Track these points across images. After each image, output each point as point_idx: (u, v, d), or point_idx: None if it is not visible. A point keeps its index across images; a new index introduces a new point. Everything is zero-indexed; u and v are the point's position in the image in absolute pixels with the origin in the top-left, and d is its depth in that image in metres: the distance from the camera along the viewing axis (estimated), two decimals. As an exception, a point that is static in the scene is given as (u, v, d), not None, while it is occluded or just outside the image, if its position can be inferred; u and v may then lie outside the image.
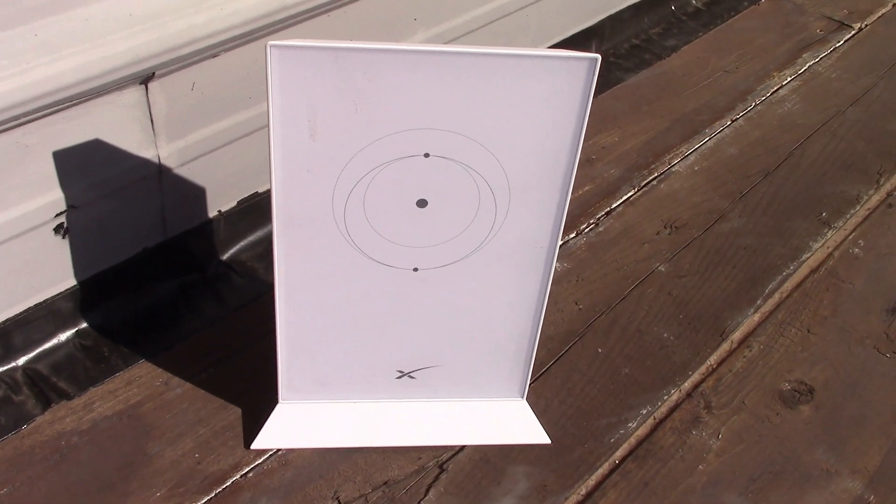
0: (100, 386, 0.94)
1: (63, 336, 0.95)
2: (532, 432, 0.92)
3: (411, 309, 0.83)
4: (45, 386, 0.92)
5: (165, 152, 0.92)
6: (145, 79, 0.84)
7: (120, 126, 0.86)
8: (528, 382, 0.92)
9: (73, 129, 0.82)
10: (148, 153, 0.91)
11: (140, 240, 0.97)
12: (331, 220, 0.76)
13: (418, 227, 0.77)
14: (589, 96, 0.70)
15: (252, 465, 0.88)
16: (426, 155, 0.73)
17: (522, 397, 0.93)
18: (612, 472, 0.92)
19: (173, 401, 0.93)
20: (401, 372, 0.89)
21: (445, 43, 1.17)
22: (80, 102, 0.81)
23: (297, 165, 0.72)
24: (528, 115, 0.71)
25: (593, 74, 0.69)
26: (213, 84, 0.92)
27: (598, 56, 0.68)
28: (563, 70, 0.68)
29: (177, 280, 1.02)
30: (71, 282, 0.93)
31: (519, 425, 0.92)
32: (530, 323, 0.86)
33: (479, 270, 0.81)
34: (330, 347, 0.85)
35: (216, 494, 0.86)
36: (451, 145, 0.72)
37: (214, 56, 0.90)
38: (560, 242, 1.17)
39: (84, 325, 0.97)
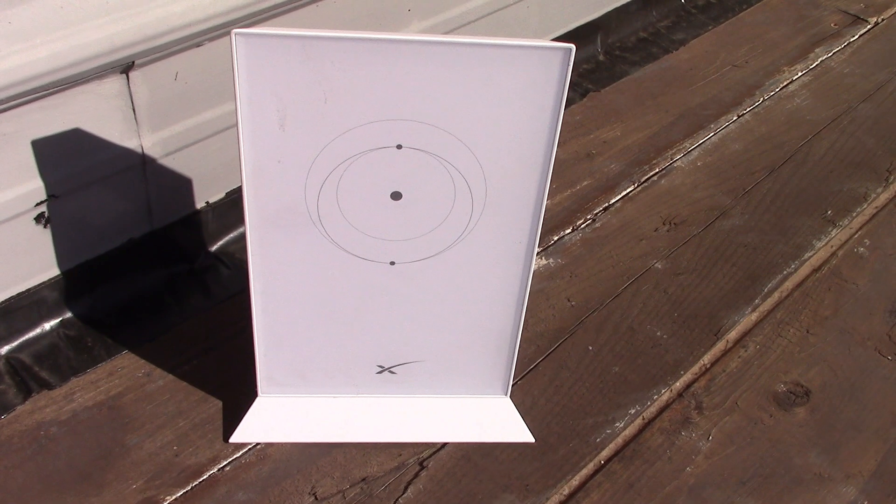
0: (82, 376, 0.93)
1: (47, 325, 0.95)
2: (515, 430, 0.91)
3: (389, 303, 0.82)
4: (27, 375, 0.92)
5: (149, 142, 0.92)
6: (125, 68, 0.84)
7: (101, 116, 0.86)
8: (512, 379, 0.91)
9: (52, 119, 0.82)
10: (131, 143, 0.90)
11: (126, 230, 0.97)
12: (304, 212, 0.74)
13: (393, 219, 0.76)
14: (564, 88, 0.68)
15: (230, 459, 0.88)
16: (399, 146, 0.71)
17: (506, 395, 0.92)
18: (596, 472, 0.90)
19: (154, 392, 0.93)
20: (381, 367, 0.88)
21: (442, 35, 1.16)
22: (58, 91, 0.80)
23: (267, 156, 0.71)
24: (501, 107, 0.69)
25: (568, 65, 0.67)
26: (198, 74, 0.91)
27: (573, 46, 0.66)
28: (536, 61, 0.66)
29: (164, 271, 1.01)
30: (55, 271, 0.93)
31: (502, 423, 0.91)
32: (512, 319, 0.85)
33: (458, 265, 0.79)
34: (308, 341, 0.84)
35: (192, 488, 0.85)
36: (423, 137, 0.71)
37: (198, 46, 0.89)
38: (555, 238, 1.16)
39: (69, 314, 0.96)
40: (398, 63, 0.66)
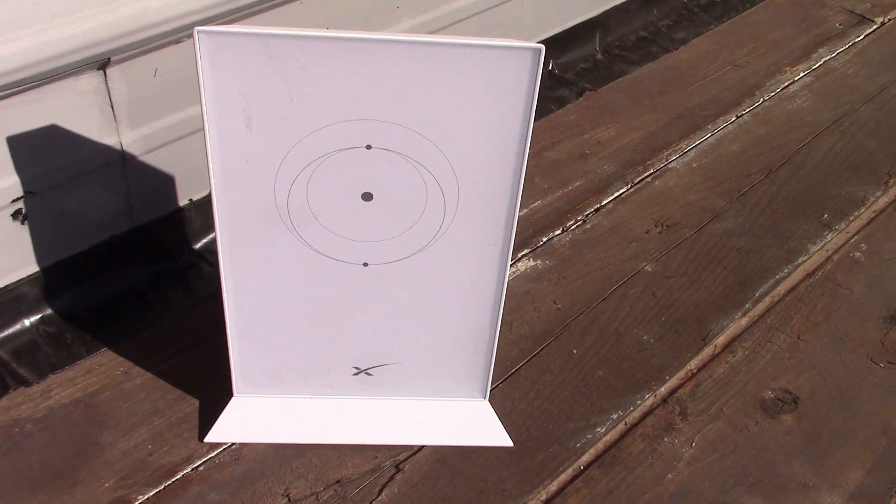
0: (59, 373, 0.93)
1: (27, 322, 0.95)
2: (494, 434, 0.90)
3: (363, 305, 0.81)
4: (5, 371, 0.92)
5: (128, 139, 0.91)
6: (102, 64, 0.83)
7: (78, 112, 0.85)
8: (490, 382, 0.90)
9: (27, 114, 0.82)
10: (109, 140, 0.90)
11: (107, 227, 0.96)
12: (274, 212, 0.74)
13: (365, 221, 0.75)
14: (534, 88, 0.67)
15: (204, 459, 0.87)
16: (368, 147, 0.70)
17: (485, 398, 0.91)
18: (575, 478, 0.89)
19: (132, 390, 0.92)
20: (357, 368, 0.87)
21: (429, 33, 1.14)
22: (33, 87, 0.80)
23: (235, 155, 0.70)
24: (471, 107, 0.68)
25: (538, 66, 0.66)
26: (178, 70, 0.91)
27: (542, 46, 0.65)
28: (504, 61, 0.65)
29: (146, 268, 1.01)
30: (34, 268, 0.93)
31: (480, 427, 0.90)
32: (488, 322, 0.83)
33: (432, 267, 0.78)
34: (282, 341, 0.84)
35: (165, 487, 0.84)
36: (393, 137, 0.69)
37: (178, 42, 0.88)
38: (544, 239, 1.15)
39: (49, 311, 0.96)
40: (364, 62, 0.65)
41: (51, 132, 0.85)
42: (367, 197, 0.73)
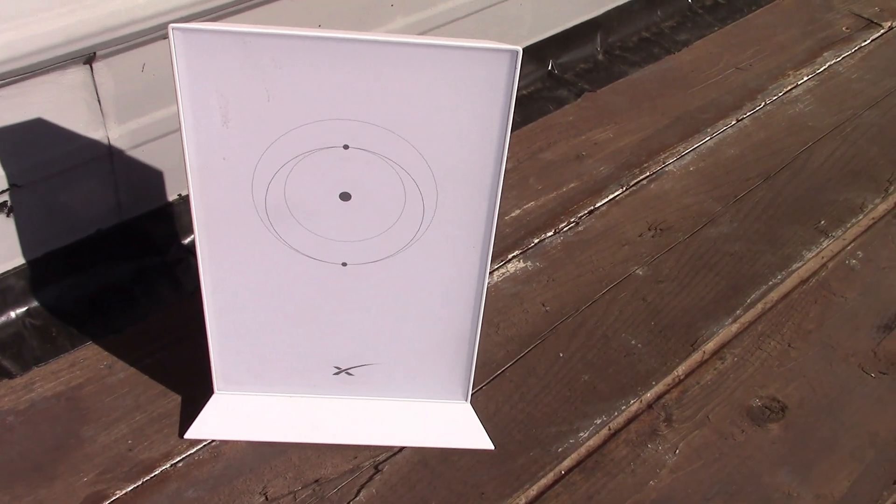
0: (43, 366, 0.93)
1: (13, 314, 0.95)
2: (474, 437, 0.89)
3: (343, 304, 0.81)
4: (-11, 364, 0.92)
5: (115, 134, 0.91)
6: (87, 59, 0.83)
7: (64, 106, 0.85)
8: (472, 384, 0.89)
9: (12, 108, 0.82)
10: (96, 134, 0.90)
11: (94, 221, 0.96)
12: (252, 211, 0.73)
13: (343, 220, 0.74)
14: (512, 91, 0.66)
15: (183, 455, 0.87)
16: (345, 147, 0.70)
17: (466, 400, 0.90)
18: (555, 482, 0.88)
19: (114, 385, 0.92)
20: (338, 368, 0.87)
21: (424, 33, 1.14)
22: (17, 81, 0.80)
23: (212, 153, 0.70)
24: (449, 109, 0.68)
25: (515, 68, 0.65)
26: (166, 66, 0.90)
27: (519, 49, 0.64)
28: (482, 63, 0.65)
29: (134, 263, 1.01)
30: (20, 260, 0.93)
31: (461, 429, 0.89)
32: (469, 324, 0.83)
33: (411, 269, 0.78)
34: (263, 339, 0.84)
35: (143, 483, 0.84)
36: (370, 137, 0.69)
37: (165, 37, 0.88)
38: (535, 240, 1.14)
39: (35, 304, 0.96)
40: (340, 62, 0.65)
41: (36, 126, 0.85)
42: (345, 197, 0.73)
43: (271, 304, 0.80)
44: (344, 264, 0.77)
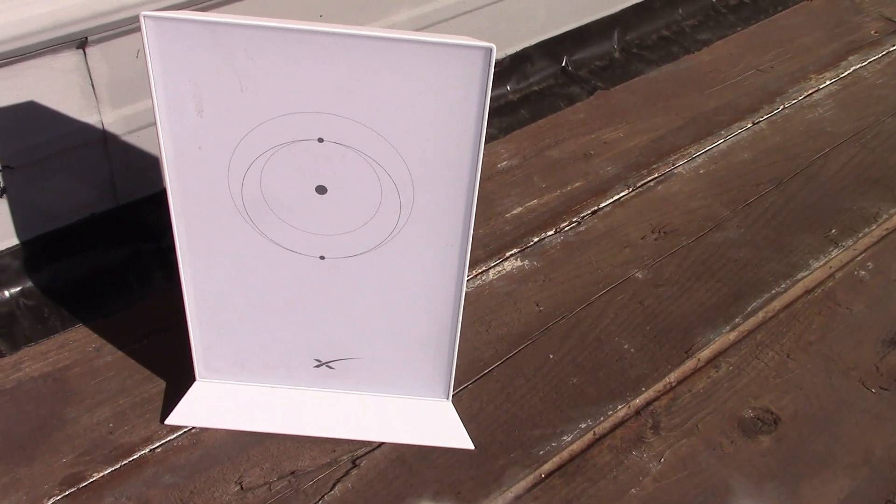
0: (32, 346, 0.94)
1: (6, 293, 0.96)
2: (455, 436, 0.88)
3: (322, 297, 0.80)
4: (-20, 342, 0.93)
5: (110, 119, 0.91)
6: (80, 43, 0.83)
7: (56, 90, 0.86)
8: (452, 382, 0.88)
9: (3, 90, 0.82)
10: (90, 119, 0.90)
11: (89, 205, 0.97)
12: (229, 201, 0.73)
13: (320, 214, 0.74)
14: (486, 88, 0.65)
15: (163, 441, 0.87)
16: (320, 140, 0.69)
17: (447, 398, 0.89)
18: (534, 486, 0.87)
19: (101, 368, 0.93)
20: (318, 361, 0.86)
21: (430, 25, 1.13)
22: (7, 64, 0.80)
23: (187, 142, 0.70)
24: (423, 105, 0.67)
25: (489, 65, 0.64)
26: (162, 52, 0.90)
27: (493, 46, 0.63)
28: (454, 59, 0.64)
29: (129, 247, 1.02)
30: (14, 241, 0.94)
31: (441, 427, 0.89)
32: (449, 322, 0.82)
33: (389, 265, 0.77)
34: (244, 330, 0.83)
35: (120, 466, 0.85)
36: (344, 131, 0.68)
37: (161, 24, 0.88)
38: (535, 239, 1.13)
39: (29, 284, 0.97)
40: (312, 54, 0.64)
41: (29, 109, 0.85)
42: (321, 190, 0.72)
43: (251, 294, 0.80)
44: (322, 258, 0.77)
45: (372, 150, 0.69)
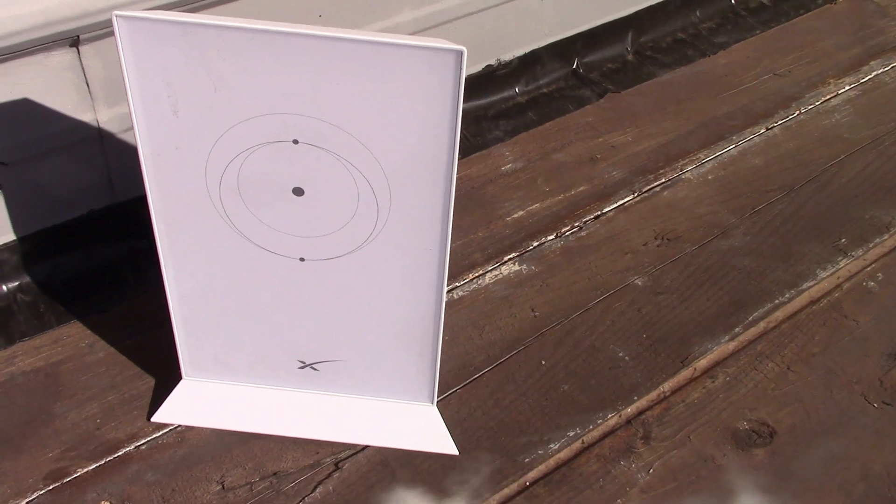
0: (26, 341, 0.95)
1: (4, 288, 0.97)
2: (438, 440, 0.88)
3: (303, 299, 0.80)
4: (-24, 335, 0.95)
5: (105, 116, 0.92)
6: (73, 41, 0.84)
7: (50, 87, 0.86)
8: (437, 386, 0.88)
9: (-3, 87, 0.84)
10: (85, 116, 0.91)
11: (86, 201, 0.98)
12: (207, 201, 0.73)
13: (298, 215, 0.73)
14: (458, 91, 0.64)
15: (148, 438, 0.88)
16: (295, 141, 0.69)
17: (432, 402, 0.89)
18: (518, 493, 0.86)
19: (93, 364, 0.94)
20: (302, 363, 0.86)
21: (435, 26, 1.12)
22: (0, 61, 0.81)
23: (164, 142, 0.70)
24: (396, 108, 0.66)
25: (460, 68, 0.63)
26: (156, 51, 0.91)
27: (463, 49, 0.62)
28: (425, 62, 0.63)
29: (125, 244, 1.02)
30: (11, 236, 0.95)
31: (425, 432, 0.88)
32: (431, 325, 0.81)
33: (368, 267, 0.77)
34: (227, 330, 0.84)
35: (105, 462, 0.86)
36: (319, 133, 0.68)
37: (155, 23, 0.88)
38: (534, 244, 1.12)
39: (27, 279, 0.99)
40: (283, 55, 0.64)
41: (23, 105, 0.86)
42: (298, 192, 0.72)
43: (233, 294, 0.80)
44: (302, 259, 0.77)
45: (346, 152, 0.69)
